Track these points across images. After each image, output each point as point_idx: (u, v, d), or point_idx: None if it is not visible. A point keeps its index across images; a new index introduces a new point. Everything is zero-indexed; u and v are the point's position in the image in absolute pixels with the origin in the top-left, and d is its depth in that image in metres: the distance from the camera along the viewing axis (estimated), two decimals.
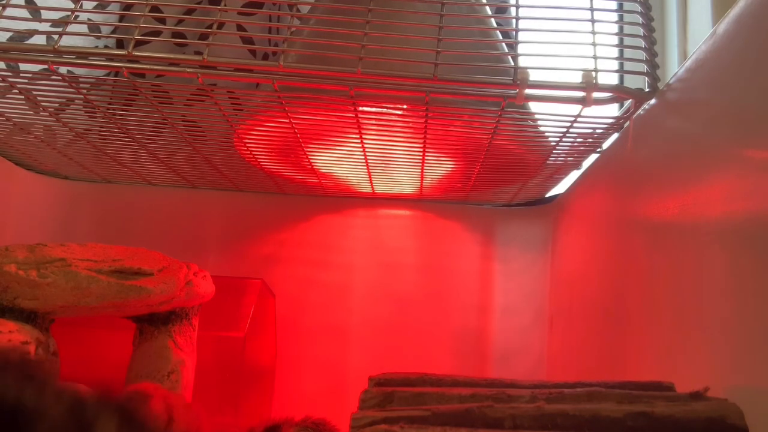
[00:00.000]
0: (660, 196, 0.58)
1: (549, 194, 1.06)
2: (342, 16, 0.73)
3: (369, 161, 0.87)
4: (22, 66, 0.65)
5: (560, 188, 1.01)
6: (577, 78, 0.59)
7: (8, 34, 0.75)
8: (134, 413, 0.38)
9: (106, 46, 1.00)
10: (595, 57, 0.60)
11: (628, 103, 0.67)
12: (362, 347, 1.04)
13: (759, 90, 0.43)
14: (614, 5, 0.65)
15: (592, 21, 0.62)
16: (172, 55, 0.64)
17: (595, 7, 0.62)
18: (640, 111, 0.64)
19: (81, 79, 0.73)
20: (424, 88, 0.63)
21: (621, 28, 0.63)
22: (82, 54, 0.62)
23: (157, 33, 1.00)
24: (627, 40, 0.63)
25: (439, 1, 0.64)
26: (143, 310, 0.68)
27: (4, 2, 0.63)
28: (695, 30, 0.88)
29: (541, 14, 0.65)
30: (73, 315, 0.65)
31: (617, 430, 0.39)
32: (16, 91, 0.69)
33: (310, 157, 0.87)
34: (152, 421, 0.40)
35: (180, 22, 1.02)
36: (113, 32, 1.01)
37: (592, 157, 0.82)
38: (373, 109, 0.70)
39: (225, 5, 0.65)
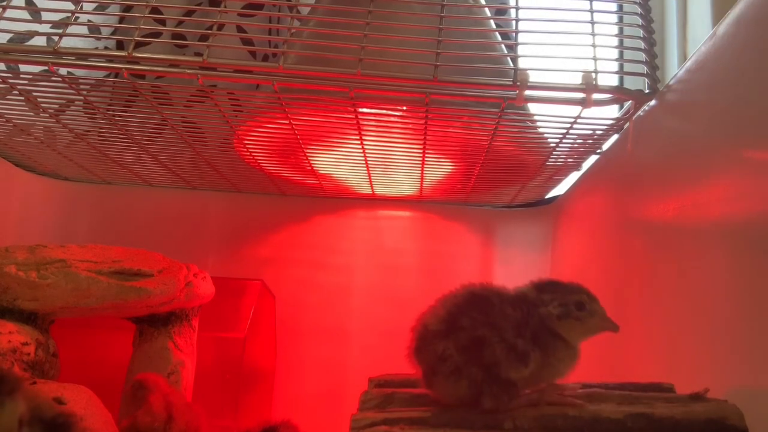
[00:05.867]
0: (660, 197, 0.58)
1: (549, 195, 1.06)
2: (342, 17, 0.73)
3: (369, 162, 0.87)
4: (23, 67, 0.65)
5: (560, 189, 1.01)
6: (576, 79, 0.59)
7: (8, 36, 0.75)
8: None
9: (106, 48, 1.01)
10: (594, 58, 0.60)
11: (627, 104, 0.67)
12: (362, 348, 1.04)
13: (759, 91, 0.43)
14: (614, 7, 0.65)
15: (592, 22, 0.62)
16: (172, 57, 0.64)
17: (594, 8, 0.62)
18: (639, 112, 0.64)
19: (81, 81, 0.73)
20: (424, 90, 0.63)
21: (621, 30, 0.63)
22: (82, 55, 0.62)
23: (157, 34, 1.01)
24: (627, 42, 0.63)
25: (439, 2, 0.64)
26: (143, 311, 0.68)
27: (4, 3, 0.63)
28: (695, 31, 0.88)
29: (541, 16, 0.65)
30: (73, 316, 0.65)
31: (617, 431, 0.39)
32: (16, 92, 0.69)
33: (310, 158, 0.87)
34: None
35: (180, 23, 1.02)
36: (113, 33, 1.01)
37: (592, 158, 0.82)
38: (373, 111, 0.70)
39: (225, 6, 0.65)
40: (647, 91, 0.61)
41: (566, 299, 0.44)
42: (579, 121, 0.66)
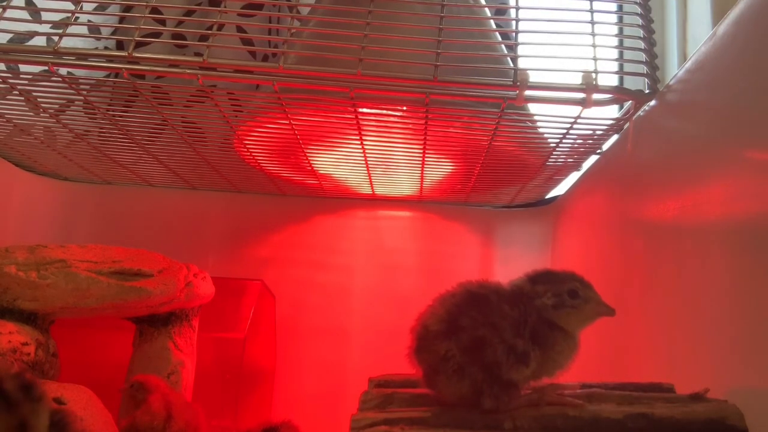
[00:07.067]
0: (660, 197, 0.58)
1: (549, 195, 1.06)
2: (342, 17, 0.73)
3: (369, 163, 0.87)
4: (23, 67, 0.65)
5: (560, 189, 1.01)
6: (577, 79, 0.59)
7: (8, 36, 0.75)
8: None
9: (106, 48, 1.01)
10: (594, 58, 0.60)
11: (627, 104, 0.67)
12: (362, 349, 1.04)
13: (759, 91, 0.43)
14: (614, 7, 0.65)
15: (592, 23, 0.62)
16: (172, 57, 0.64)
17: (594, 8, 0.62)
18: (639, 112, 0.64)
19: (81, 81, 0.73)
20: (424, 90, 0.63)
21: (621, 30, 0.63)
22: (82, 55, 0.62)
23: (157, 34, 1.01)
24: (627, 42, 0.63)
25: (439, 2, 0.64)
26: (143, 311, 0.68)
27: (4, 3, 0.63)
28: (695, 31, 0.88)
29: (541, 16, 0.65)
30: (73, 316, 0.65)
31: (617, 431, 0.39)
32: (17, 92, 0.69)
33: (310, 158, 0.87)
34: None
35: (180, 23, 1.02)
36: (113, 33, 1.01)
37: (592, 159, 0.82)
38: (373, 111, 0.70)
39: (225, 6, 0.65)
40: (647, 91, 0.61)
41: (559, 289, 0.44)
42: (579, 121, 0.66)
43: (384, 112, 0.70)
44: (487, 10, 0.91)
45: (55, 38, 0.60)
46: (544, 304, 0.44)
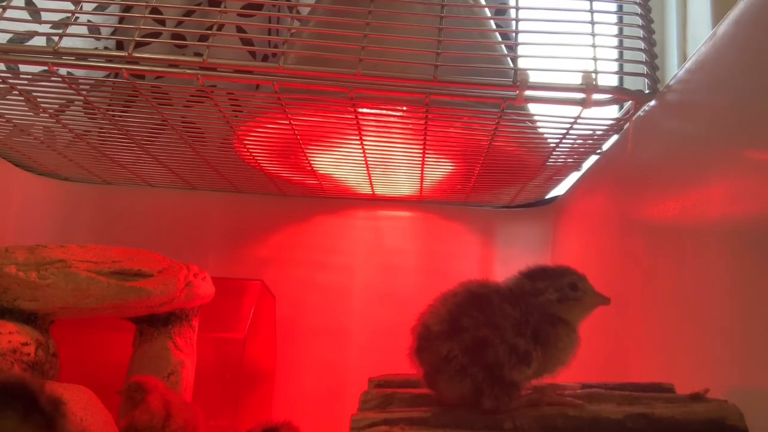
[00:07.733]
0: (660, 198, 0.58)
1: (549, 196, 1.06)
2: (342, 17, 0.73)
3: (369, 162, 0.87)
4: (23, 67, 0.65)
5: (560, 189, 1.01)
6: (576, 79, 0.59)
7: (8, 36, 0.75)
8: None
9: (105, 48, 1.01)
10: (594, 58, 0.60)
11: (627, 104, 0.67)
12: (362, 349, 1.04)
13: (759, 91, 0.43)
14: (614, 7, 0.65)
15: (592, 23, 0.62)
16: (171, 57, 0.64)
17: (594, 8, 0.62)
18: (639, 112, 0.64)
19: (81, 81, 0.73)
20: (424, 90, 0.63)
21: (621, 30, 0.63)
22: (81, 55, 0.62)
23: (156, 34, 1.01)
24: (627, 42, 0.63)
25: (439, 2, 0.64)
26: (143, 312, 0.68)
27: (4, 4, 0.63)
28: (695, 31, 0.88)
29: (541, 16, 0.65)
30: (73, 316, 0.65)
31: (617, 431, 0.39)
32: (16, 92, 0.69)
33: (310, 158, 0.87)
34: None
35: (180, 23, 1.02)
36: (113, 33, 1.01)
37: (592, 159, 0.82)
38: (373, 111, 0.70)
39: (225, 6, 0.65)
40: (647, 91, 0.61)
41: (560, 283, 0.45)
42: (579, 121, 0.66)
43: (384, 112, 0.70)
44: (487, 10, 0.91)
45: (55, 38, 0.60)
46: (548, 300, 0.44)
